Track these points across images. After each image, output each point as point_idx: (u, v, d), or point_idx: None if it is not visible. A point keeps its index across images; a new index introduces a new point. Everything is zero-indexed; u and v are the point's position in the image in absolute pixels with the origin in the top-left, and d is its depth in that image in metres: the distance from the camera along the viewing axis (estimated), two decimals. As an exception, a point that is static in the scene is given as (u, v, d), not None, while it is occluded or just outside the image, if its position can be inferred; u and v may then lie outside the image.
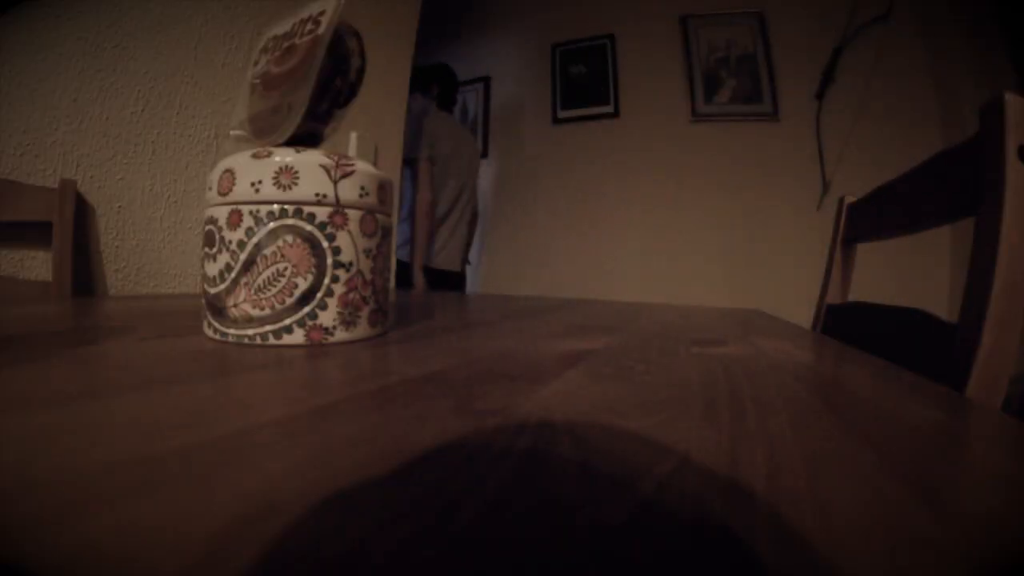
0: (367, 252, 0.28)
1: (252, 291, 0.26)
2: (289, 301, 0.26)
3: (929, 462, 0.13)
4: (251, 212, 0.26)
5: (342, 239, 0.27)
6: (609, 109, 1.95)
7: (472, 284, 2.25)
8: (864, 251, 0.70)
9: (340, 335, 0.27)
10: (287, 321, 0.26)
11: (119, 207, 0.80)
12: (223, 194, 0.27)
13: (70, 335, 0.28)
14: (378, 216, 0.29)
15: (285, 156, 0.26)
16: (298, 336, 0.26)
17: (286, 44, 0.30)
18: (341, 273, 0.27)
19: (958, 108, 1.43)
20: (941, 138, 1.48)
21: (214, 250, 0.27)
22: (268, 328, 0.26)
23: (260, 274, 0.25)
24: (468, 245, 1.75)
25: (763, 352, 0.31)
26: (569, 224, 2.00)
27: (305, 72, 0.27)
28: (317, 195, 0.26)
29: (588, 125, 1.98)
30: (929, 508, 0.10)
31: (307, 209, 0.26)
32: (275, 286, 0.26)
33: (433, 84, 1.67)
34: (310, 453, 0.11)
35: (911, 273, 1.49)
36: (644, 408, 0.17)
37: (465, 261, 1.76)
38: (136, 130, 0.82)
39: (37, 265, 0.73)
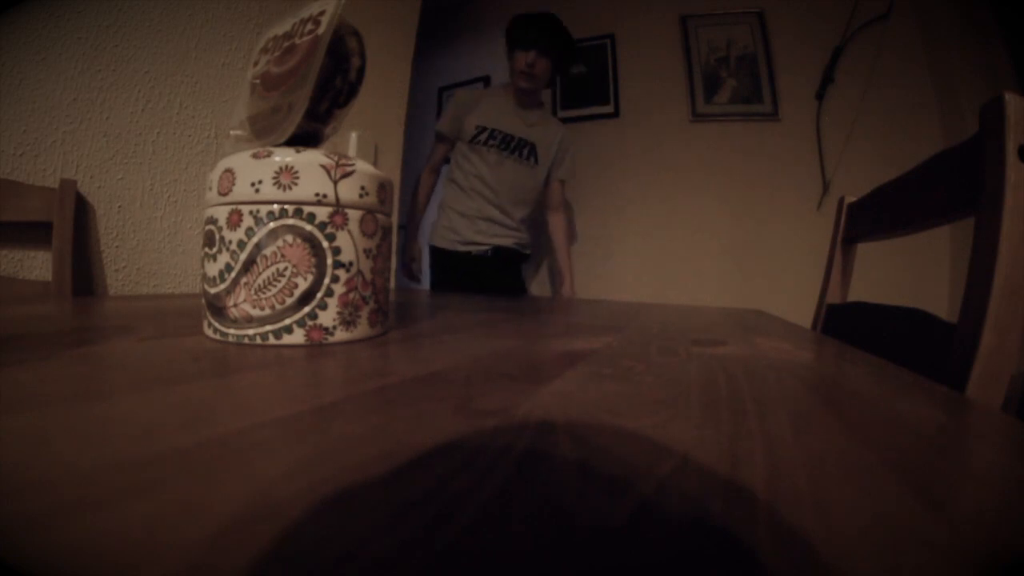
0: (367, 252, 0.28)
1: (252, 291, 0.26)
2: (289, 301, 0.26)
3: (929, 462, 0.13)
4: (251, 212, 0.26)
5: (342, 239, 0.27)
6: (609, 109, 1.94)
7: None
8: (864, 251, 0.70)
9: (340, 335, 0.27)
10: (287, 321, 0.26)
11: (119, 207, 0.81)
12: (223, 194, 0.27)
13: (70, 335, 0.28)
14: (378, 216, 0.29)
15: (285, 156, 0.26)
16: (298, 336, 0.26)
17: (286, 44, 0.30)
18: (341, 273, 0.27)
19: (958, 108, 1.43)
20: (941, 138, 1.48)
21: (214, 250, 0.27)
22: (268, 328, 0.26)
23: (260, 274, 0.25)
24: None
25: (763, 352, 0.31)
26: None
27: (305, 72, 0.27)
28: (317, 195, 0.26)
29: (588, 125, 1.97)
30: (929, 508, 0.10)
31: (307, 209, 0.26)
32: (275, 286, 0.26)
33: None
34: (310, 453, 0.11)
35: (911, 273, 1.49)
36: (644, 408, 0.17)
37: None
38: (136, 130, 0.82)
39: (37, 265, 0.73)
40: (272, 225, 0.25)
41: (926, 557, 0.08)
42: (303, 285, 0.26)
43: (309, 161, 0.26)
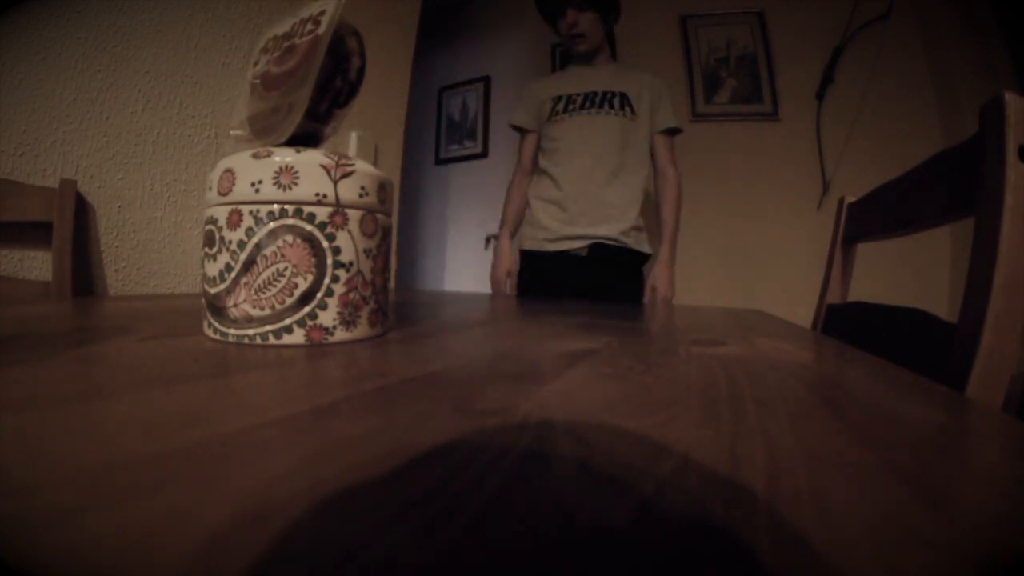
0: (367, 252, 0.28)
1: (252, 291, 0.26)
2: (289, 301, 0.26)
3: (929, 462, 0.13)
4: (251, 212, 0.26)
5: (342, 239, 0.27)
6: (609, 109, 1.94)
7: (472, 284, 2.25)
8: (864, 251, 0.70)
9: (340, 335, 0.27)
10: (287, 321, 0.26)
11: (119, 207, 0.81)
12: (223, 194, 0.26)
13: (70, 335, 0.28)
14: (378, 216, 0.29)
15: (285, 156, 0.26)
16: (298, 336, 0.26)
17: (286, 44, 0.30)
18: (341, 273, 0.27)
19: (958, 108, 1.43)
20: (941, 138, 1.48)
21: (214, 250, 0.27)
22: (268, 328, 0.26)
23: (260, 274, 0.25)
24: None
25: (763, 352, 0.31)
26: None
27: (305, 72, 0.27)
28: (317, 195, 0.26)
29: (588, 125, 1.97)
30: (929, 508, 0.10)
31: (307, 209, 0.26)
32: (275, 286, 0.26)
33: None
34: (310, 453, 0.11)
35: (911, 273, 1.49)
36: (644, 408, 0.17)
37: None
38: (136, 130, 0.82)
39: (37, 265, 0.73)
40: (272, 225, 0.25)
41: (926, 557, 0.08)
42: (303, 285, 0.26)
43: (309, 161, 0.26)
